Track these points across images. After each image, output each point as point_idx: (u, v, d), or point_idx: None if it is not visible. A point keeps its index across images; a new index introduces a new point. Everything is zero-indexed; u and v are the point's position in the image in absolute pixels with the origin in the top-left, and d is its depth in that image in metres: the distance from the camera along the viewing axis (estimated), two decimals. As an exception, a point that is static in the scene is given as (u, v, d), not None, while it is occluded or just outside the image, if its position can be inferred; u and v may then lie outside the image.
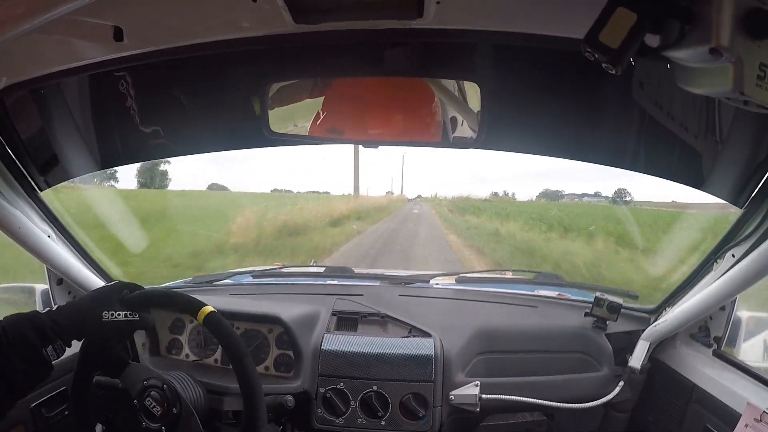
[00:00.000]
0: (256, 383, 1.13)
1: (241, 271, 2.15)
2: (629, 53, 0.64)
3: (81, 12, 0.79)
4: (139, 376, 1.19)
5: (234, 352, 1.15)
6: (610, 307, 1.57)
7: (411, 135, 1.30)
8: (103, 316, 1.11)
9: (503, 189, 28.44)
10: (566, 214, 19.84)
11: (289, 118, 1.32)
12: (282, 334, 1.56)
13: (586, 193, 14.88)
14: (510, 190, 26.80)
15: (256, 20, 1.00)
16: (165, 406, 1.16)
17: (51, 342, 1.06)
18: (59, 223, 1.47)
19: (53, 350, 1.06)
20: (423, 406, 1.44)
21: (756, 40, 0.58)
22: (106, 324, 1.11)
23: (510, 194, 19.24)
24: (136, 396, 1.18)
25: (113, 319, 1.12)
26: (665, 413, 1.49)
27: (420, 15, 0.95)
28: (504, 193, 19.18)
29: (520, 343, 1.59)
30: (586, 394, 1.51)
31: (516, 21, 1.00)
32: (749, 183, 1.20)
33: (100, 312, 1.11)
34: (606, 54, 0.64)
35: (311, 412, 1.47)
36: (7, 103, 1.21)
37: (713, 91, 0.65)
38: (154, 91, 1.35)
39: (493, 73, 1.21)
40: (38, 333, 1.04)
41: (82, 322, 1.11)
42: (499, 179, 35.08)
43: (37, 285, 1.63)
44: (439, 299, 1.86)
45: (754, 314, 1.53)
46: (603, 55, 0.65)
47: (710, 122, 1.17)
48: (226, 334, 1.16)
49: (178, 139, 1.48)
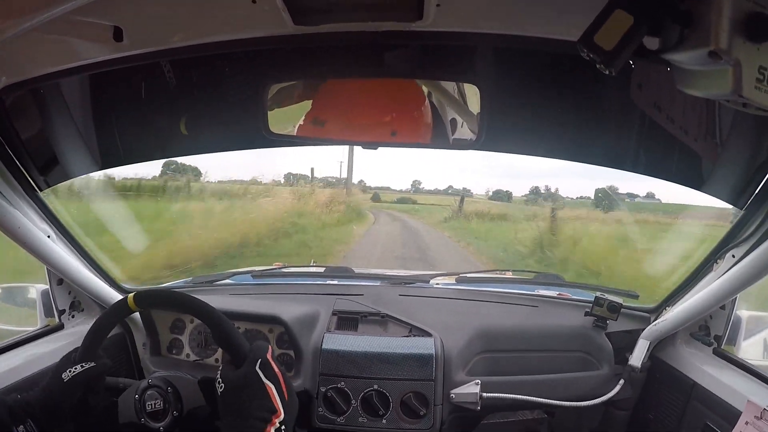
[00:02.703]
0: (223, 319, 1.13)
1: (241, 271, 2.15)
2: (624, 55, 0.64)
3: (81, 12, 0.79)
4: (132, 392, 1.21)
5: (191, 307, 1.16)
6: (610, 307, 1.58)
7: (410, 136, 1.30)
8: (64, 378, 1.13)
9: (545, 184, 21.51)
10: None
11: (288, 119, 1.32)
12: (283, 334, 1.56)
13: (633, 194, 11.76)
14: (552, 186, 20.70)
15: (256, 21, 1.00)
16: (165, 406, 1.17)
17: (22, 422, 1.07)
18: (59, 224, 1.47)
19: (25, 431, 1.07)
20: (424, 404, 1.45)
21: (755, 44, 0.58)
22: (69, 383, 1.13)
23: (553, 190, 16.11)
24: (139, 392, 1.19)
25: (73, 374, 1.13)
26: (666, 411, 1.50)
27: (420, 17, 0.95)
28: (547, 189, 16.05)
29: (521, 342, 1.60)
30: (586, 393, 1.52)
31: (516, 24, 1.00)
32: (749, 184, 1.21)
33: (59, 375, 1.13)
34: (600, 55, 0.65)
35: (312, 411, 1.47)
36: (6, 102, 1.20)
37: (713, 93, 0.66)
38: (154, 92, 1.35)
39: (492, 75, 1.21)
40: (9, 413, 1.06)
41: (48, 392, 1.13)
42: (537, 173, 27.29)
43: (37, 285, 1.63)
44: (440, 299, 1.86)
45: (753, 313, 1.53)
46: (597, 56, 0.65)
47: (710, 124, 1.17)
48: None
49: (178, 139, 1.48)
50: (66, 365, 1.15)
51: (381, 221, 15.45)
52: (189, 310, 1.20)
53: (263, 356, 1.02)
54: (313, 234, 10.71)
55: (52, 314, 1.60)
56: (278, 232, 9.90)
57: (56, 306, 1.59)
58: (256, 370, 0.99)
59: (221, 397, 1.01)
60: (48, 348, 1.47)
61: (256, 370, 0.99)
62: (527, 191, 17.67)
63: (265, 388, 0.98)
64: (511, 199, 17.52)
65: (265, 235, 9.43)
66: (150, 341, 1.64)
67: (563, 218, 12.02)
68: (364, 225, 13.97)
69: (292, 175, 15.10)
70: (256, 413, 0.96)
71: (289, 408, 0.99)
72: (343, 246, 10.29)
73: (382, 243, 11.39)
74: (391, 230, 13.69)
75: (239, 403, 0.98)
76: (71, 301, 1.63)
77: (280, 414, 0.96)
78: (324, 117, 1.28)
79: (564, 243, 9.86)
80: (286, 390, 1.00)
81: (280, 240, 9.64)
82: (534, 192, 16.11)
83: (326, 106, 1.29)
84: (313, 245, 9.79)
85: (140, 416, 1.18)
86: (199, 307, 1.15)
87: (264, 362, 1.01)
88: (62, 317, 1.60)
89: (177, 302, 1.23)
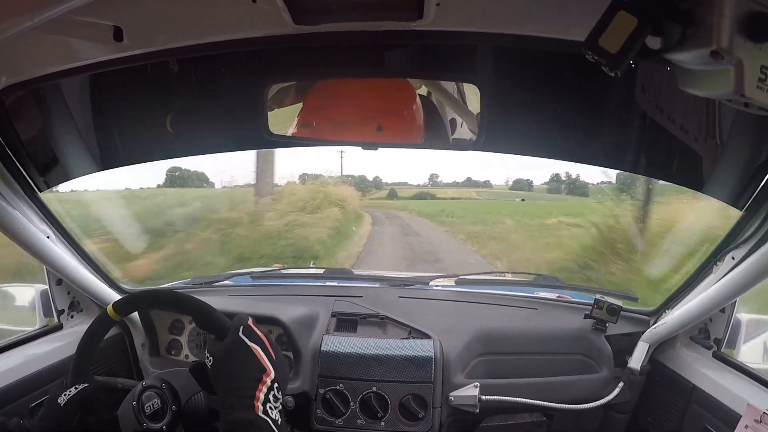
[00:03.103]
0: (201, 303, 1.14)
1: (241, 272, 2.15)
2: (629, 57, 0.64)
3: (81, 12, 0.79)
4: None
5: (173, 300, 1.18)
6: (609, 310, 1.57)
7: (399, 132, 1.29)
8: (61, 402, 1.13)
9: (565, 171, 20.26)
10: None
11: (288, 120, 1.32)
12: (281, 336, 1.55)
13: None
14: (573, 173, 19.90)
15: (256, 21, 1.00)
16: (164, 407, 1.16)
17: None
18: (58, 224, 1.47)
19: None
20: (422, 407, 1.44)
21: (756, 43, 0.58)
22: (66, 406, 1.13)
23: (574, 176, 14.72)
24: (136, 396, 1.18)
25: (69, 397, 1.14)
26: (665, 414, 1.50)
27: (420, 16, 0.95)
28: (567, 176, 14.69)
29: (520, 344, 1.59)
30: (585, 396, 1.51)
31: (516, 23, 1.00)
32: (749, 185, 1.20)
33: (55, 400, 1.14)
34: (605, 58, 0.65)
35: (311, 413, 1.47)
36: (6, 102, 1.20)
37: (714, 93, 0.66)
38: (154, 92, 1.35)
39: (493, 75, 1.21)
40: None
41: (47, 418, 1.13)
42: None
43: (37, 285, 1.63)
44: (439, 301, 1.86)
45: (753, 316, 1.53)
46: (602, 58, 0.65)
47: (710, 124, 1.17)
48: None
49: (178, 140, 1.48)
50: (60, 391, 1.16)
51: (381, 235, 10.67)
52: (167, 304, 1.23)
53: (245, 323, 1.03)
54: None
55: (51, 314, 1.59)
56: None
57: (55, 306, 1.59)
58: (240, 336, 1.01)
59: (211, 370, 1.02)
60: (47, 348, 1.47)
61: (240, 336, 1.01)
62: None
63: (251, 350, 0.99)
64: (532, 188, 16.24)
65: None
66: (149, 342, 1.63)
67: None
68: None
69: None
70: (246, 374, 0.97)
71: (278, 366, 1.00)
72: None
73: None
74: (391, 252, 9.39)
75: (228, 371, 0.98)
76: (70, 301, 1.63)
77: (270, 372, 0.97)
78: (310, 119, 1.29)
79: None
80: (272, 350, 1.02)
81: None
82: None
83: (314, 108, 1.30)
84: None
85: (142, 422, 1.18)
86: (176, 298, 1.17)
87: (246, 327, 1.02)
88: (61, 317, 1.60)
89: (155, 300, 1.26)
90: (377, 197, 16.05)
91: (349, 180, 14.63)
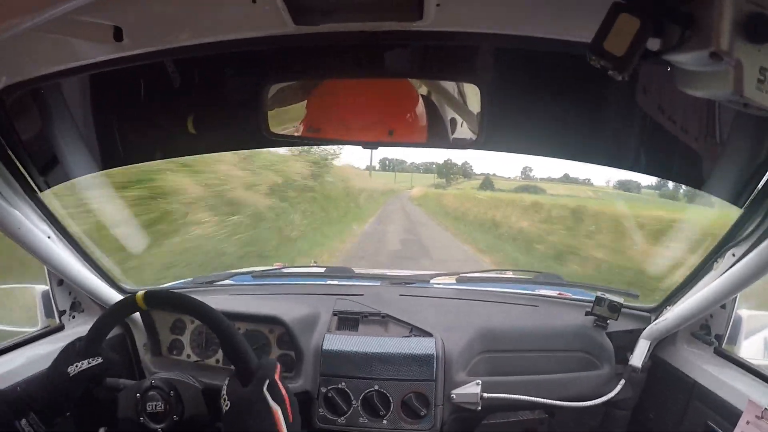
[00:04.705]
0: (233, 331, 1.12)
1: (242, 271, 2.15)
2: (634, 59, 0.64)
3: (81, 11, 0.78)
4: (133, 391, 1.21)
5: (198, 310, 1.16)
6: (610, 306, 1.58)
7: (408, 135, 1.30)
8: (70, 372, 1.12)
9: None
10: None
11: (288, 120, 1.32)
12: (283, 335, 1.56)
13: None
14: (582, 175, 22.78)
15: (256, 21, 1.00)
16: (166, 407, 1.17)
17: (24, 415, 1.06)
18: (59, 224, 1.47)
19: (28, 424, 1.06)
20: (425, 405, 1.45)
21: (756, 45, 0.58)
22: (75, 377, 1.13)
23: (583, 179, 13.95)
24: (142, 390, 1.19)
25: (80, 370, 1.13)
26: (666, 411, 1.50)
27: (420, 17, 0.95)
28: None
29: (521, 342, 1.60)
30: (587, 393, 1.52)
31: (516, 24, 1.00)
32: (749, 184, 1.20)
33: (65, 369, 1.12)
34: (611, 61, 0.65)
35: (313, 411, 1.47)
36: (6, 102, 1.20)
37: (714, 94, 0.66)
38: (154, 92, 1.35)
39: (493, 75, 1.21)
40: (10, 407, 1.05)
41: (53, 387, 1.12)
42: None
43: (37, 286, 1.63)
44: (440, 299, 1.86)
45: (754, 312, 1.53)
46: (609, 62, 0.65)
47: (711, 124, 1.17)
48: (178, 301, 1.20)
49: (178, 140, 1.48)
50: (70, 358, 1.14)
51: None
52: (199, 316, 1.18)
53: (272, 377, 1.00)
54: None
55: (53, 315, 1.59)
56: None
57: (57, 307, 1.58)
58: (264, 393, 0.97)
59: (226, 416, 1.00)
60: (48, 349, 1.46)
61: (264, 392, 0.98)
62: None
63: (272, 411, 0.96)
64: (640, 190, 14.60)
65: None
66: (150, 341, 1.63)
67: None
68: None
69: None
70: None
71: (293, 430, 0.98)
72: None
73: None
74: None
75: (245, 425, 0.96)
76: (72, 301, 1.62)
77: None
78: (318, 124, 1.28)
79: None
80: (291, 413, 0.99)
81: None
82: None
83: (319, 111, 1.29)
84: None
85: (140, 415, 1.18)
86: (210, 316, 1.14)
87: (272, 383, 0.99)
88: (62, 318, 1.59)
89: (187, 307, 1.21)
90: (467, 186, 14.85)
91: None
